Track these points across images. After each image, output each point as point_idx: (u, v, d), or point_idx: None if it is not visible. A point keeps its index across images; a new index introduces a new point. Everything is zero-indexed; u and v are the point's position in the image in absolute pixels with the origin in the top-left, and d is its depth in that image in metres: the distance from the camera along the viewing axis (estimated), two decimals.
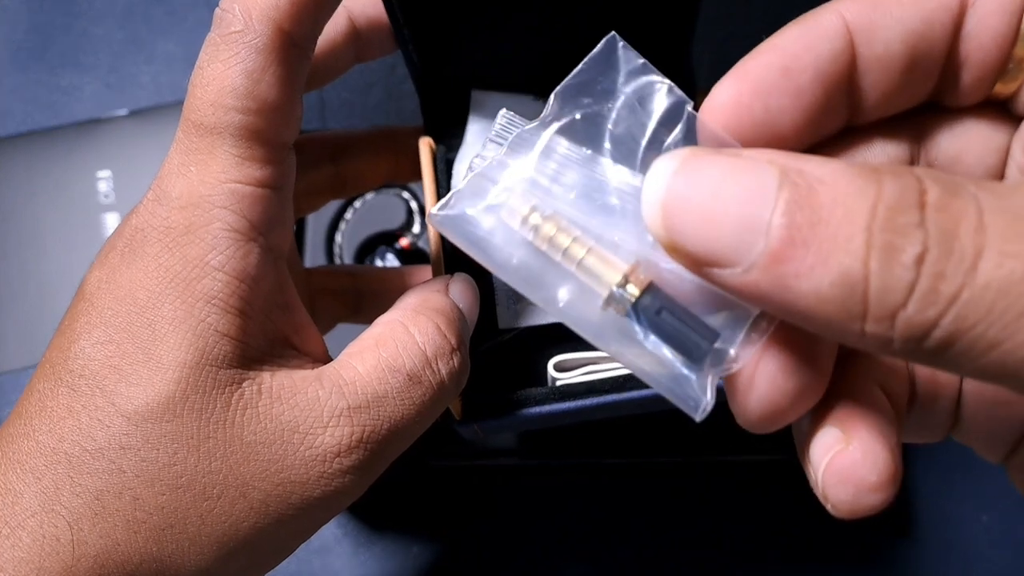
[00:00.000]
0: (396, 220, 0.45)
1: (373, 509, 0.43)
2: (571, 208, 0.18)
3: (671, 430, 0.41)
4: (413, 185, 0.45)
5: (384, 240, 0.45)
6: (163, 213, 0.23)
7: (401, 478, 0.42)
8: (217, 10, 0.23)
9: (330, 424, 0.23)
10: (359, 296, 0.34)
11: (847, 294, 0.15)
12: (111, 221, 0.46)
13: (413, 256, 0.45)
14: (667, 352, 0.18)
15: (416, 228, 0.45)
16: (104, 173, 0.47)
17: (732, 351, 0.18)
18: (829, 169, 0.15)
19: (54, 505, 0.21)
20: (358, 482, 0.24)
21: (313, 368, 0.24)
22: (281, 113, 0.23)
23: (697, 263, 0.16)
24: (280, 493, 0.23)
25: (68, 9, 0.51)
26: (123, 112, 0.48)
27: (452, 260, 0.29)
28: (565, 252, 0.18)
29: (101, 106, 0.49)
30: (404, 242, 0.45)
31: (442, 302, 0.26)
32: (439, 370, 0.25)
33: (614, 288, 0.18)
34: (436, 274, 0.29)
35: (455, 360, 0.25)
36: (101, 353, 0.22)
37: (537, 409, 0.28)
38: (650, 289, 0.18)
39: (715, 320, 0.18)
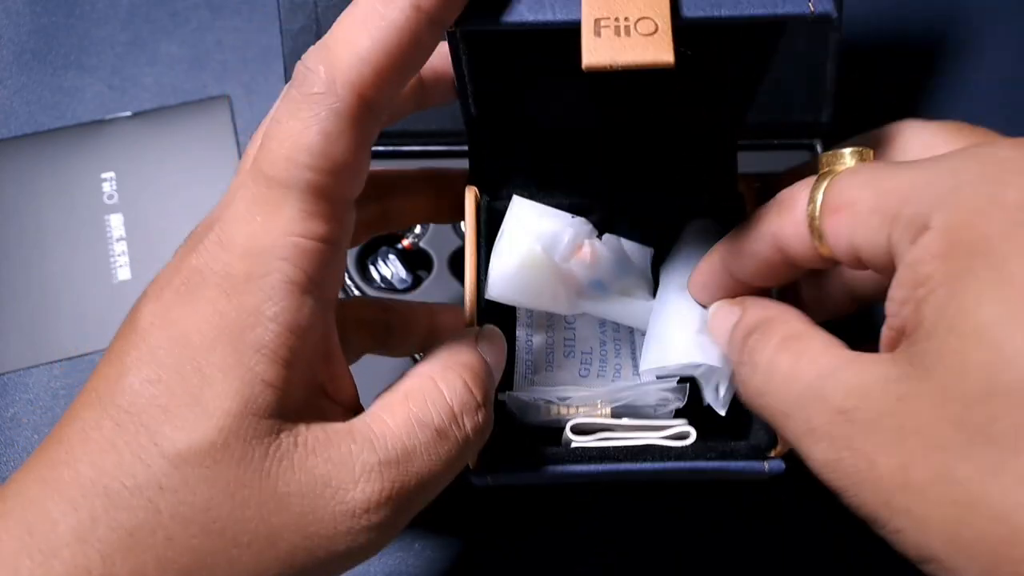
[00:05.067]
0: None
1: None
2: None
3: None
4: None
5: (386, 241, 0.46)
6: (225, 258, 0.23)
7: None
8: (300, 66, 0.23)
9: (361, 479, 0.24)
10: (387, 329, 0.35)
11: None
12: (115, 222, 0.47)
13: (414, 256, 0.46)
14: None
15: (418, 229, 0.46)
16: (108, 174, 0.47)
17: None
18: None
19: (88, 537, 0.22)
20: (382, 537, 0.25)
21: (344, 418, 0.25)
22: (351, 173, 0.24)
23: None
24: (308, 545, 0.23)
25: (71, 11, 0.51)
26: (127, 114, 0.48)
27: (485, 311, 0.30)
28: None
29: (104, 108, 0.49)
30: (406, 243, 0.45)
31: (470, 357, 0.27)
32: (464, 425, 0.25)
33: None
34: (469, 322, 0.30)
35: (480, 416, 0.26)
36: (149, 391, 0.23)
37: (551, 469, 0.29)
38: None
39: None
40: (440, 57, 0.29)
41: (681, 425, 0.30)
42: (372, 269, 0.45)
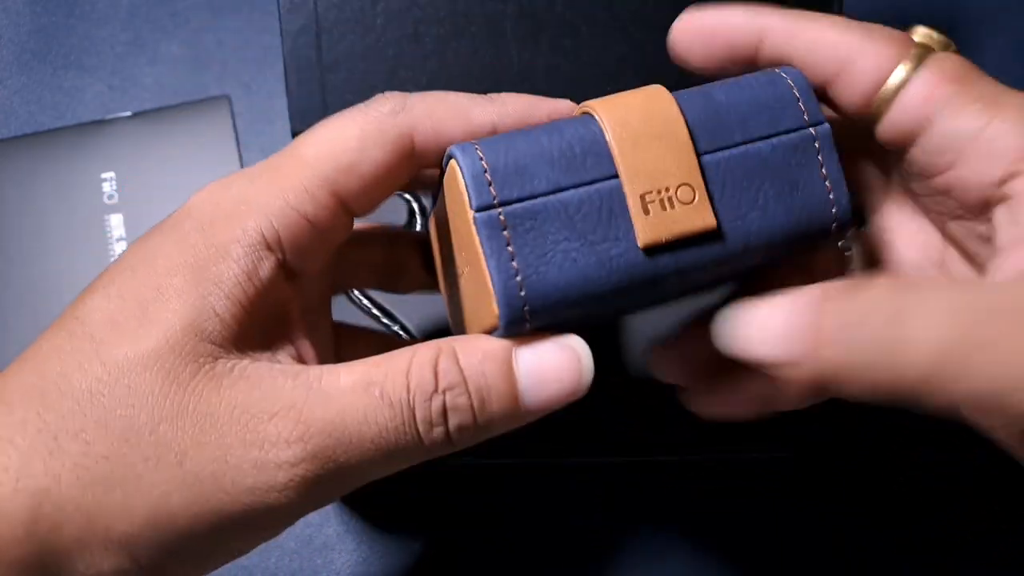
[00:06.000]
0: (398, 221, 0.45)
1: (375, 506, 0.43)
2: None
3: (676, 429, 0.41)
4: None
5: None
6: (219, 197, 0.25)
7: (404, 475, 0.43)
8: (380, 95, 0.26)
9: (279, 413, 0.23)
10: (399, 267, 0.35)
11: None
12: (115, 222, 0.47)
13: None
14: None
15: (418, 227, 0.46)
16: (108, 174, 0.47)
17: None
18: None
19: (15, 437, 0.22)
20: (299, 490, 0.23)
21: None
22: (366, 188, 0.25)
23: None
24: (213, 470, 0.23)
25: (71, 11, 0.51)
26: (127, 114, 0.48)
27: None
28: None
29: (104, 108, 0.49)
30: None
31: (492, 346, 0.24)
32: (418, 406, 0.24)
33: None
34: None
35: (433, 405, 0.24)
36: (107, 306, 0.24)
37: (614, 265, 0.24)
38: None
39: None
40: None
41: None
42: None
